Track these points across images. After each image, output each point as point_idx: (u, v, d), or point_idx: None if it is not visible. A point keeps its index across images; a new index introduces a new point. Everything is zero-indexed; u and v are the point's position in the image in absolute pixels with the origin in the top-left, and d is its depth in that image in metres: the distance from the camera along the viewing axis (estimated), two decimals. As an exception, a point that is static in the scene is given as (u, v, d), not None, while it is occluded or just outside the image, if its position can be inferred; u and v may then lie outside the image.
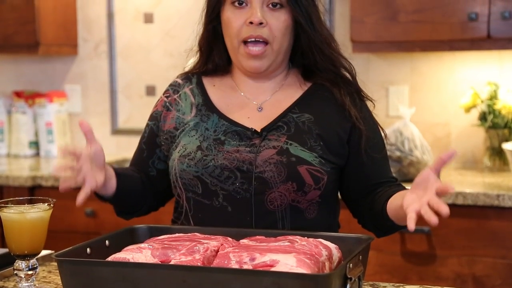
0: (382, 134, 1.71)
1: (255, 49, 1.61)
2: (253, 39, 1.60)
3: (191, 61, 1.85)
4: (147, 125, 1.76)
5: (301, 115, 1.64)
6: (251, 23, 1.59)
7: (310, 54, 1.66)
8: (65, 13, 3.58)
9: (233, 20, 1.61)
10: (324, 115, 1.65)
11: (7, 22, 3.39)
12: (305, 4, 1.61)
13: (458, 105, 3.12)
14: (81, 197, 1.47)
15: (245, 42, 1.61)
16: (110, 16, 3.64)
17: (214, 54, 1.72)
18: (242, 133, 1.63)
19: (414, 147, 2.78)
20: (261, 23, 1.59)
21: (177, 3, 3.53)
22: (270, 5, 1.60)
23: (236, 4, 1.61)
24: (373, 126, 1.69)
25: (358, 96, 1.69)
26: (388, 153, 2.71)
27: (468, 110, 3.05)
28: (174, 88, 1.75)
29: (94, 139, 1.54)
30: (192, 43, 1.75)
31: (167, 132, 1.71)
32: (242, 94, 1.70)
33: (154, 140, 1.73)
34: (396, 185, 1.63)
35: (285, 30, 1.62)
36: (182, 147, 1.65)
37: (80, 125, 1.53)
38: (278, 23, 1.61)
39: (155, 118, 1.75)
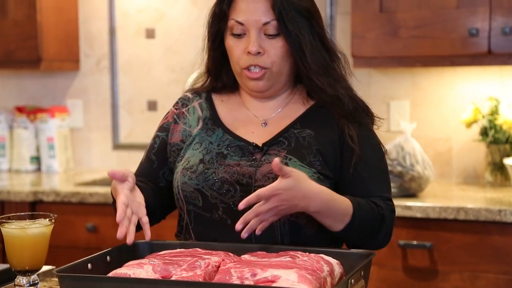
0: (383, 150, 1.71)
1: (255, 70, 1.64)
2: (252, 68, 1.64)
3: (193, 77, 1.86)
4: (158, 136, 1.77)
5: (302, 131, 1.66)
6: (249, 52, 1.63)
7: (302, 79, 1.69)
8: (67, 29, 3.60)
9: (234, 49, 1.65)
10: (324, 131, 1.66)
11: (9, 37, 3.40)
12: (297, 34, 1.62)
13: (459, 120, 3.12)
14: (148, 233, 1.51)
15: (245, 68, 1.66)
16: (112, 31, 3.65)
17: (222, 74, 1.75)
18: (244, 147, 1.65)
19: (415, 162, 2.78)
20: (258, 52, 1.62)
21: (178, 19, 3.55)
22: (267, 33, 1.63)
23: (236, 34, 1.65)
24: (371, 144, 1.68)
25: (358, 115, 1.68)
26: (389, 168, 2.71)
27: (469, 125, 3.06)
28: (183, 101, 1.78)
29: (123, 175, 1.55)
30: (194, 59, 1.78)
31: (174, 144, 1.73)
32: (248, 110, 1.73)
33: (165, 151, 1.74)
34: (371, 202, 1.62)
35: (283, 55, 1.64)
36: (186, 160, 1.67)
37: (110, 175, 1.55)
38: (275, 50, 1.63)
39: (166, 129, 1.76)
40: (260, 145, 1.64)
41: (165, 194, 1.74)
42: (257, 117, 1.71)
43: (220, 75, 1.75)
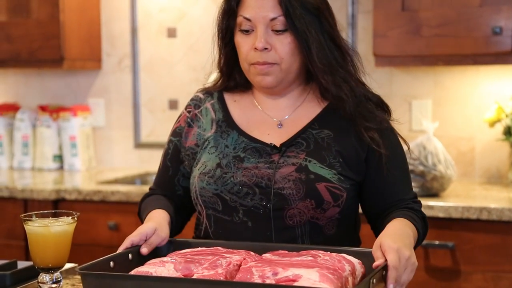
0: (405, 149, 1.71)
1: (263, 66, 1.62)
2: (260, 64, 1.63)
3: (213, 75, 1.86)
4: (171, 141, 1.77)
5: (321, 131, 1.65)
6: (256, 48, 1.61)
7: (313, 77, 1.67)
8: (89, 28, 3.63)
9: (242, 45, 1.64)
10: (342, 131, 1.65)
11: (33, 37, 3.44)
12: (304, 30, 1.60)
13: (482, 120, 3.11)
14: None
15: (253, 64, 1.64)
16: (133, 31, 3.67)
17: (235, 73, 1.73)
18: (261, 149, 1.64)
19: (437, 161, 2.76)
20: (265, 48, 1.61)
21: (200, 18, 3.56)
22: (275, 29, 1.62)
23: (244, 30, 1.64)
24: (393, 143, 1.67)
25: (365, 117, 1.65)
26: (411, 167, 2.71)
27: (492, 124, 3.04)
28: (195, 102, 1.77)
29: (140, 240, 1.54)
30: (214, 59, 1.77)
31: (189, 148, 1.72)
32: (262, 110, 1.72)
33: (178, 157, 1.74)
34: (404, 208, 1.62)
35: (292, 51, 1.62)
36: (202, 164, 1.66)
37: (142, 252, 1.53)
38: (283, 46, 1.62)
39: (178, 134, 1.75)
40: (278, 145, 1.63)
41: (185, 200, 1.74)
42: (271, 118, 1.70)
43: (232, 74, 1.73)
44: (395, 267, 1.34)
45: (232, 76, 1.74)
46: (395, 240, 1.39)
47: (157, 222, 1.57)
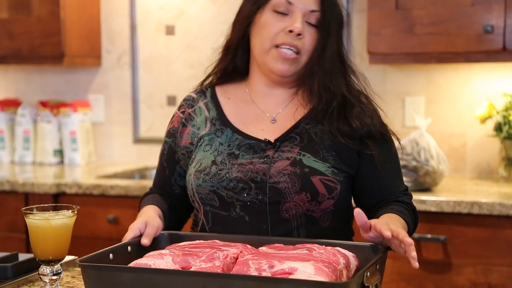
0: (395, 144, 1.73)
1: (289, 52, 1.65)
2: (287, 47, 1.65)
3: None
4: (166, 142, 1.79)
5: (314, 126, 1.67)
6: (290, 31, 1.64)
7: (309, 76, 1.70)
8: (89, 25, 3.65)
9: (272, 24, 1.65)
10: (335, 125, 1.66)
11: (34, 34, 3.46)
12: (330, 32, 1.65)
13: (473, 116, 3.12)
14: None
15: (278, 46, 1.66)
16: (132, 28, 3.70)
17: (238, 56, 1.74)
18: (255, 145, 1.66)
19: (430, 157, 2.79)
20: (299, 34, 1.64)
21: (198, 16, 3.59)
22: (309, 21, 1.66)
23: (280, 12, 1.66)
24: (384, 138, 1.69)
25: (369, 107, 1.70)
26: (404, 163, 2.74)
27: (483, 121, 3.05)
28: (188, 102, 1.78)
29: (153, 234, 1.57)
30: (212, 55, 1.79)
31: (184, 147, 1.74)
32: (255, 106, 1.74)
33: (174, 157, 1.77)
34: (394, 202, 1.66)
35: (315, 47, 1.66)
36: (198, 162, 1.68)
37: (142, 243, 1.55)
38: (312, 39, 1.66)
39: (172, 134, 1.77)
40: (272, 141, 1.66)
41: (183, 199, 1.77)
42: (265, 114, 1.72)
43: (235, 55, 1.74)
44: (385, 224, 1.38)
45: (235, 58, 1.74)
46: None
47: (146, 215, 1.61)
